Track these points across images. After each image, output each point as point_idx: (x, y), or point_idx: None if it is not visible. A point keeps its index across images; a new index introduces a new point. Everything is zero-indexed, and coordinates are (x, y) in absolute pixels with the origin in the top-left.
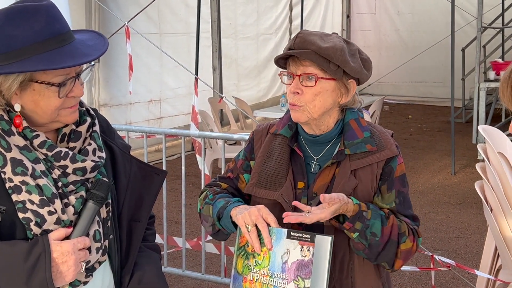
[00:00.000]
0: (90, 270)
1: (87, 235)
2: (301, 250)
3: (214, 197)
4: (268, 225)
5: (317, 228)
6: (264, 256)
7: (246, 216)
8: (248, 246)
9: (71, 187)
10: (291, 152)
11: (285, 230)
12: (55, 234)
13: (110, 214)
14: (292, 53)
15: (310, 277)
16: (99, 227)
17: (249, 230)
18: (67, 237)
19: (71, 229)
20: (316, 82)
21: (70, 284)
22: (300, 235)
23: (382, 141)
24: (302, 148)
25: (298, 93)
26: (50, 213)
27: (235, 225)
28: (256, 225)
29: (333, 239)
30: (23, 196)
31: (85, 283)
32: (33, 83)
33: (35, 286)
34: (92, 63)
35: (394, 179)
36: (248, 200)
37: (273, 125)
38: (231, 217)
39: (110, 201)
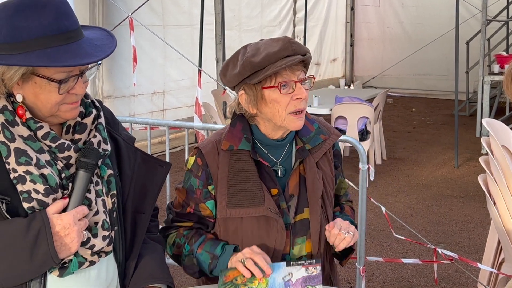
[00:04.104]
0: (97, 255)
1: (83, 203)
2: (306, 270)
3: (191, 248)
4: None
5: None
6: (259, 282)
7: (239, 255)
8: (237, 280)
9: None
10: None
11: (283, 263)
12: (53, 207)
13: (115, 205)
14: (305, 59)
15: (321, 283)
16: (107, 217)
17: (244, 262)
18: (64, 209)
19: (67, 200)
20: (312, 83)
21: (77, 261)
22: (303, 262)
23: (326, 128)
24: (263, 155)
25: (301, 98)
26: (55, 200)
27: None
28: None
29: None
30: (28, 186)
31: (91, 262)
32: (35, 76)
33: (39, 260)
34: (99, 62)
35: (341, 163)
36: (214, 223)
37: (220, 142)
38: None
39: (115, 192)
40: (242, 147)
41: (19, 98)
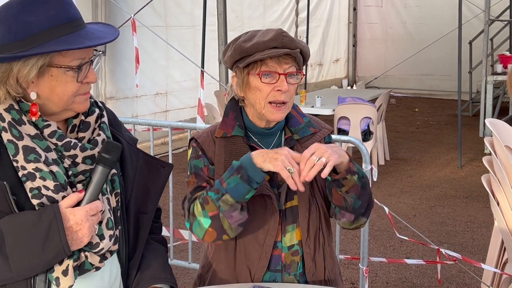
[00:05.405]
0: (103, 258)
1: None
2: None
3: (216, 189)
4: None
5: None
6: None
7: (284, 161)
8: None
9: (81, 176)
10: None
11: None
12: (67, 201)
13: (119, 204)
14: (291, 53)
15: None
16: (111, 216)
17: (292, 172)
18: (78, 202)
19: (83, 193)
20: (301, 79)
21: (82, 267)
22: None
23: (317, 123)
24: (254, 143)
25: (281, 90)
26: (64, 198)
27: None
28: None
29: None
30: (38, 182)
31: (97, 268)
32: (52, 68)
33: (51, 252)
34: (101, 51)
35: None
36: None
37: (214, 131)
38: (259, 168)
39: (119, 191)
40: (235, 133)
41: (33, 96)
